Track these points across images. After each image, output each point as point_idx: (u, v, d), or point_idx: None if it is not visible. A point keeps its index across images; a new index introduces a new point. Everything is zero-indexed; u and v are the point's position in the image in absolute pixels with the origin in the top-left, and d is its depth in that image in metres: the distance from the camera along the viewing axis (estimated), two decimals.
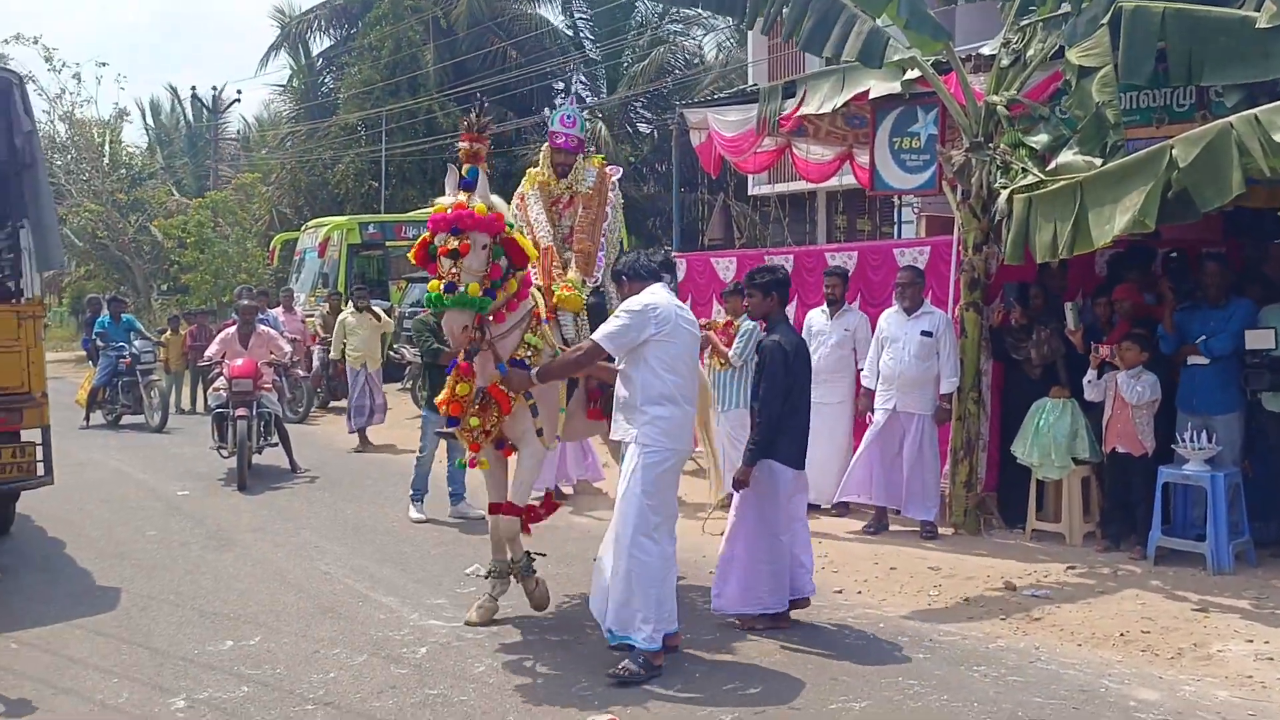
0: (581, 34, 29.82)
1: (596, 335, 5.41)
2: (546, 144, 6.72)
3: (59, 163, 29.03)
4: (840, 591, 6.76)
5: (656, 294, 5.45)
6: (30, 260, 7.98)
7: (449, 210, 5.48)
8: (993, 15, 8.89)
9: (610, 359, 5.44)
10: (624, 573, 5.25)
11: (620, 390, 5.49)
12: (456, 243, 5.39)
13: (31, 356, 7.67)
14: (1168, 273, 8.29)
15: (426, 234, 5.59)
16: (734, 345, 8.83)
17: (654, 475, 5.29)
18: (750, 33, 18.05)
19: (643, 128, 28.77)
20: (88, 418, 15.62)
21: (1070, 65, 7.18)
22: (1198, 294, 7.52)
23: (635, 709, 4.85)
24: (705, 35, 28.66)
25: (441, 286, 5.40)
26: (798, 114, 9.38)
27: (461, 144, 5.74)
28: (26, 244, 7.97)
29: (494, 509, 6.10)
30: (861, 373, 8.55)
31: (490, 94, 26.02)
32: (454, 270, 5.40)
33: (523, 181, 6.76)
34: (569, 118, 6.64)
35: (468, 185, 5.59)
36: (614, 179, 6.66)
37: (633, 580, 5.24)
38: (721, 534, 6.19)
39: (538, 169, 6.71)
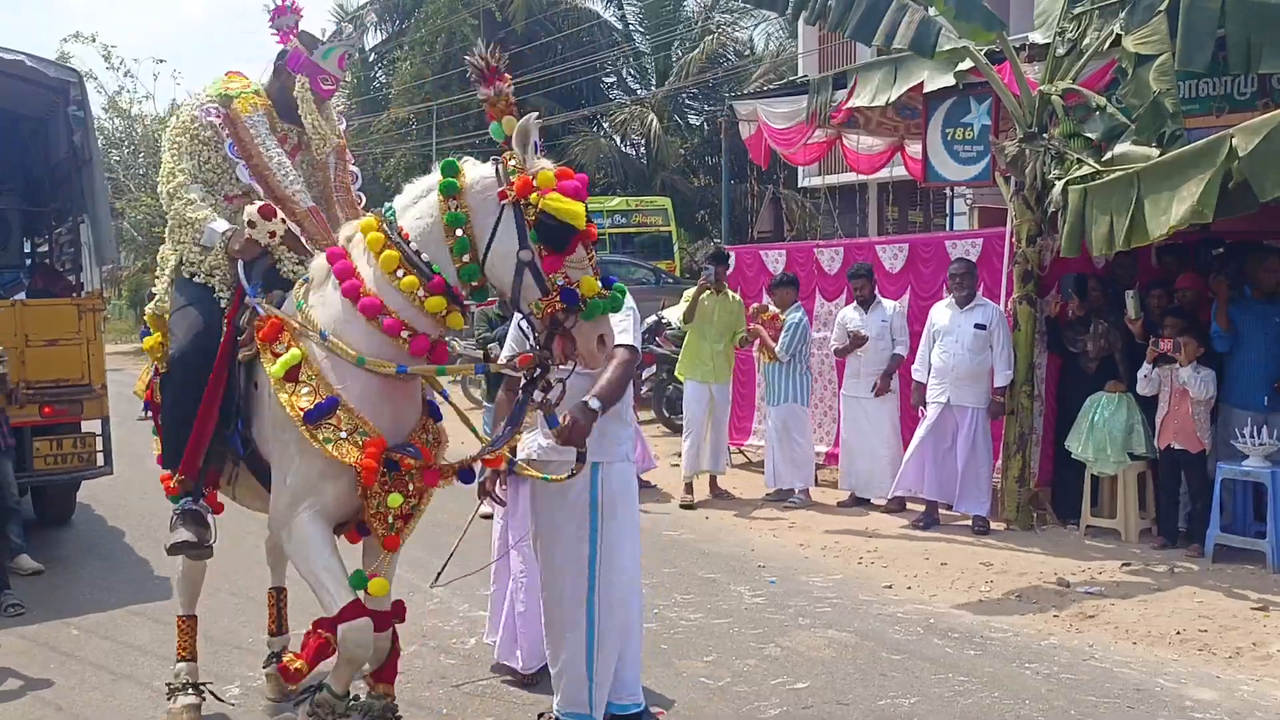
0: (631, 26, 29.84)
1: (629, 339, 4.20)
2: (275, 66, 4.38)
3: (116, 157, 29.59)
4: (890, 587, 6.72)
5: None
6: (90, 255, 8.16)
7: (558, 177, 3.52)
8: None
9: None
10: (640, 629, 4.56)
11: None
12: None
13: (91, 349, 7.83)
14: (1219, 267, 8.11)
15: (574, 206, 3.45)
16: (780, 339, 8.81)
17: None
18: (801, 24, 17.95)
19: (693, 120, 28.74)
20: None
21: (1127, 53, 7.06)
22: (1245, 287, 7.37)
23: (683, 704, 4.85)
24: (756, 26, 28.56)
25: (600, 283, 3.54)
26: (850, 106, 9.32)
27: (494, 88, 3.60)
28: (86, 239, 8.16)
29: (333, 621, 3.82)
30: (898, 356, 8.55)
31: (541, 88, 26.21)
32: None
33: (215, 91, 4.30)
34: (347, 59, 4.55)
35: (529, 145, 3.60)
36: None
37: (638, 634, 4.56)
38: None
39: (245, 82, 4.39)
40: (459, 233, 3.57)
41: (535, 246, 3.48)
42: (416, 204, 3.72)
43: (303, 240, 4.13)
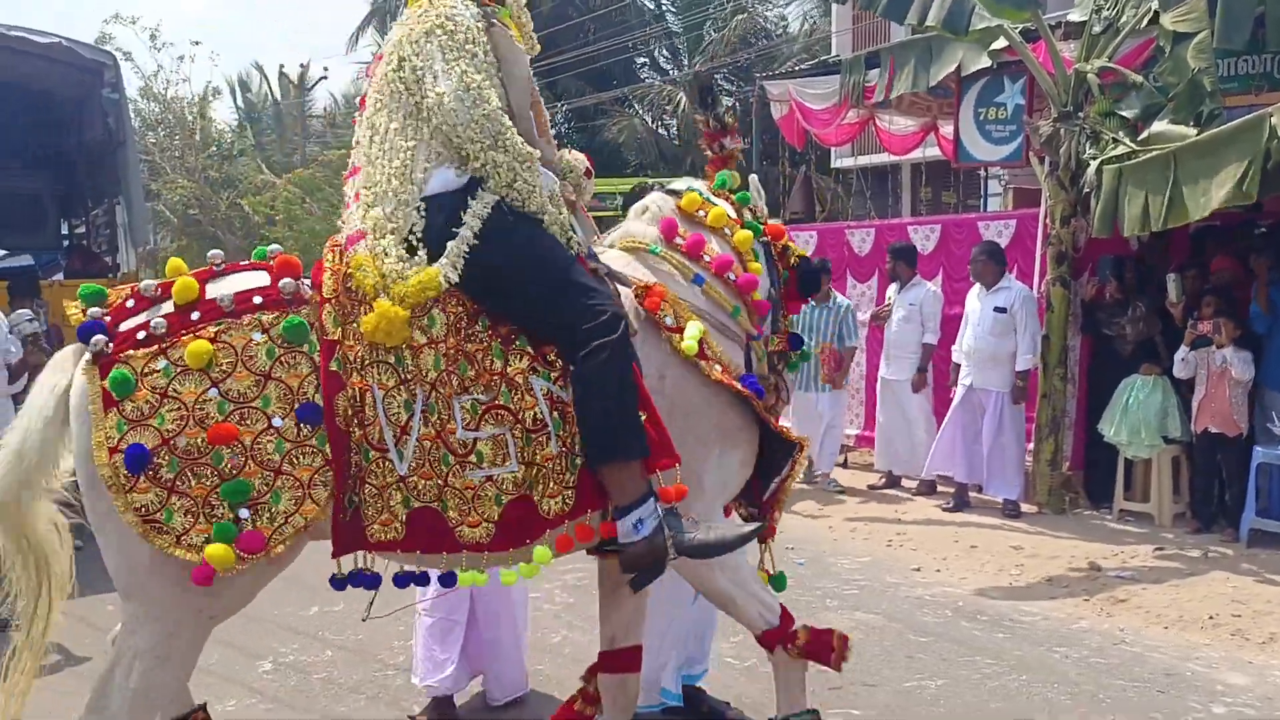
0: (663, 6, 29.71)
1: None
2: None
3: (152, 139, 29.78)
4: (919, 569, 6.70)
5: None
6: (126, 236, 8.25)
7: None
8: None
9: None
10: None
11: None
12: None
13: None
14: (1260, 247, 7.99)
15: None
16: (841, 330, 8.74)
17: None
18: (834, 3, 17.81)
19: (725, 100, 28.61)
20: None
21: (1164, 31, 6.96)
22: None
23: (710, 684, 4.83)
24: (788, 5, 28.36)
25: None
26: (890, 95, 9.22)
27: (736, 144, 3.90)
28: (122, 220, 8.25)
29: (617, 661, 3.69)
30: (928, 346, 8.56)
31: (571, 68, 26.15)
32: None
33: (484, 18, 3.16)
34: None
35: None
36: None
37: None
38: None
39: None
40: None
41: (780, 287, 3.69)
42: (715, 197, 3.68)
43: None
